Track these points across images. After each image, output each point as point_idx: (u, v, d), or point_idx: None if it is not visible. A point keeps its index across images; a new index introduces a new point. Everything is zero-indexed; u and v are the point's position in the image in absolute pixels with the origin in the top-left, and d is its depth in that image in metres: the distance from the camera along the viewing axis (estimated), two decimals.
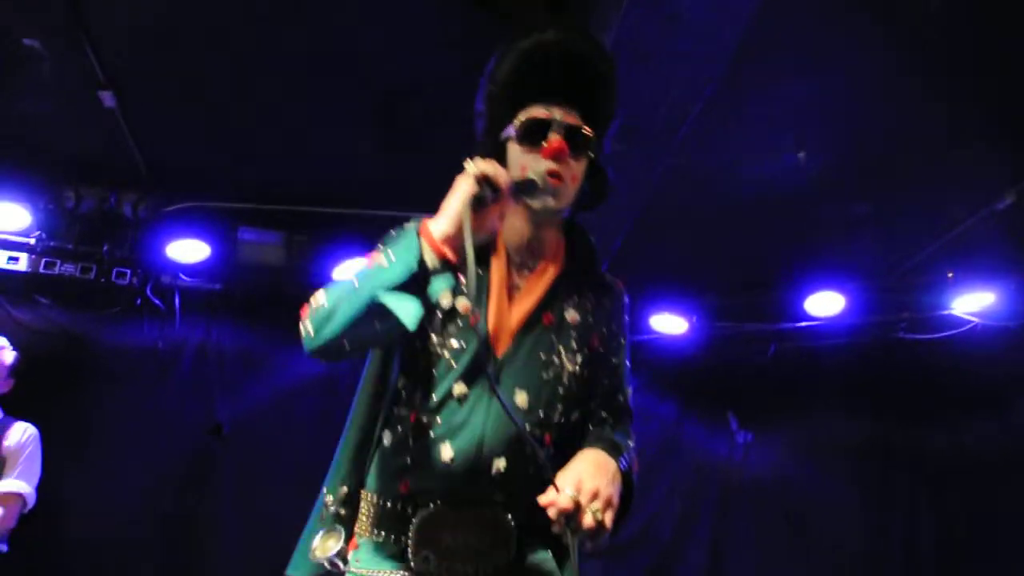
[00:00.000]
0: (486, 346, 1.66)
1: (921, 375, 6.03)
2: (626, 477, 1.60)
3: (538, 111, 1.72)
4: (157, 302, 5.20)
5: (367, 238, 5.22)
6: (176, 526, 4.98)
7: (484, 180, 1.55)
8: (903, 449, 6.18)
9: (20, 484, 3.67)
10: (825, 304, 5.82)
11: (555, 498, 1.46)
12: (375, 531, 1.70)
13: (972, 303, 5.74)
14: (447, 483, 1.64)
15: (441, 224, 1.55)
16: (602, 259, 2.01)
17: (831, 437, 6.14)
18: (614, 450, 1.62)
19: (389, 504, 1.70)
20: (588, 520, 1.45)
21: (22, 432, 3.77)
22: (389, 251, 1.57)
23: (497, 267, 1.77)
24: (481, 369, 1.61)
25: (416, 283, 1.52)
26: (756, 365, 6.19)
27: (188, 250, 5.09)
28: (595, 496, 1.47)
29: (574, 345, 1.75)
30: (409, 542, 1.64)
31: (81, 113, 4.40)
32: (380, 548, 1.69)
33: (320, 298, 1.63)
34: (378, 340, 1.69)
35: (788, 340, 6.13)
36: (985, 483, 6.11)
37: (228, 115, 4.47)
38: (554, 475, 1.52)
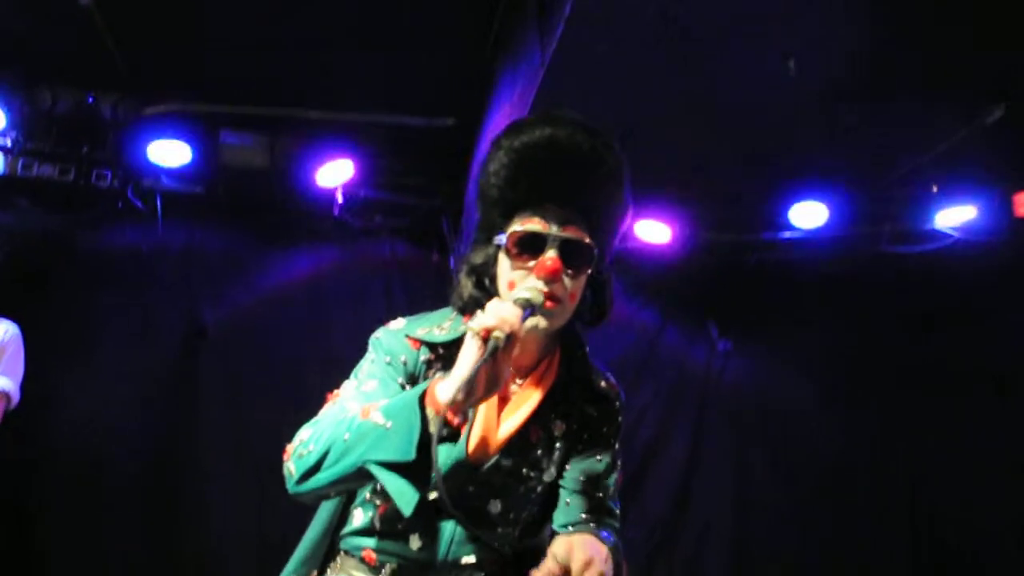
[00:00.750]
0: (465, 464, 1.64)
1: (901, 287, 6.09)
2: (615, 555, 1.55)
3: (532, 221, 1.60)
4: (139, 205, 5.14)
5: (351, 141, 5.20)
6: (161, 428, 5.02)
7: (491, 334, 1.44)
8: (879, 360, 6.27)
9: (4, 381, 3.67)
10: (808, 215, 5.83)
11: (548, 566, 1.45)
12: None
13: (954, 218, 5.77)
14: (415, 565, 1.69)
15: (449, 392, 1.42)
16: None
17: (809, 347, 6.22)
18: (600, 536, 1.57)
19: (359, 560, 1.74)
20: None
21: (3, 331, 3.73)
22: (387, 410, 1.48)
23: None
24: (458, 480, 1.59)
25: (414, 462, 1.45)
26: (738, 275, 6.22)
27: (169, 152, 5.00)
28: (588, 566, 1.43)
29: (556, 457, 1.74)
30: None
31: (56, 11, 4.27)
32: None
33: (305, 439, 1.56)
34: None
35: (770, 250, 6.16)
36: (957, 394, 6.24)
37: (209, 15, 4.35)
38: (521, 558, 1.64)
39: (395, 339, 1.72)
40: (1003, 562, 5.98)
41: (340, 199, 5.31)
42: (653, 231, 5.94)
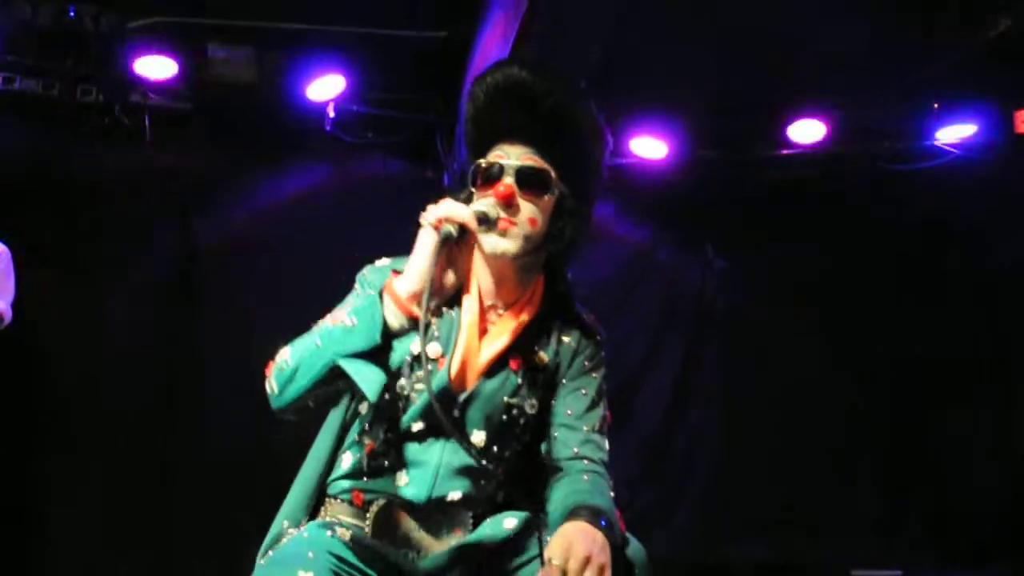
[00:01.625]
0: (448, 390, 1.70)
1: (899, 205, 6.06)
2: (610, 535, 1.55)
3: (495, 154, 1.72)
4: (125, 122, 5.05)
5: (342, 55, 5.09)
6: (157, 348, 5.03)
7: (442, 223, 1.53)
8: (876, 278, 6.28)
9: None
10: (807, 131, 5.76)
11: (546, 570, 1.45)
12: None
13: (954, 135, 5.72)
14: (402, 502, 1.74)
15: (407, 283, 1.55)
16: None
17: (805, 266, 6.21)
18: (595, 516, 1.56)
19: (348, 503, 1.79)
20: None
21: None
22: (352, 310, 1.58)
23: (469, 307, 1.77)
24: (443, 410, 1.60)
25: (379, 349, 1.54)
26: (734, 192, 6.18)
27: (155, 67, 4.88)
28: (587, 563, 1.44)
29: (538, 387, 1.79)
30: (368, 527, 1.73)
31: None
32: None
33: (284, 355, 1.65)
34: (342, 396, 1.75)
35: (768, 168, 6.10)
36: (954, 310, 6.27)
37: None
38: (504, 497, 1.73)
39: (380, 274, 1.77)
40: (976, 472, 6.11)
41: (332, 114, 5.23)
42: (648, 147, 5.88)
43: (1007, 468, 6.09)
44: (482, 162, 1.74)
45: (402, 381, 1.74)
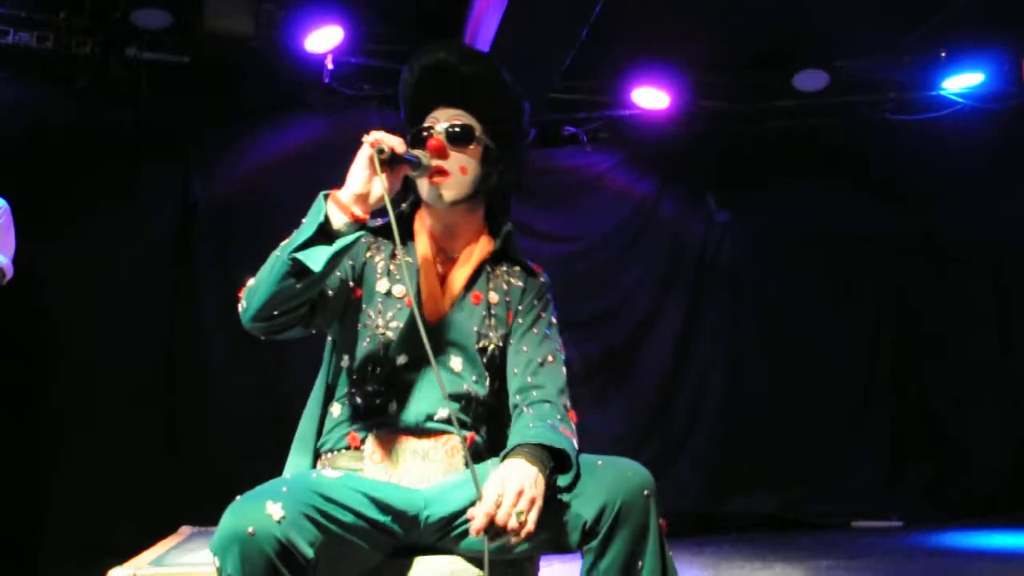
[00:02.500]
0: (422, 319, 1.80)
1: (904, 156, 6.01)
2: (544, 471, 1.66)
3: (428, 120, 1.97)
4: (121, 75, 4.98)
5: (339, 6, 5.01)
6: (157, 304, 5.02)
7: (378, 143, 1.75)
8: (878, 233, 6.26)
9: None
10: (811, 81, 5.70)
11: (479, 508, 1.57)
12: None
13: (961, 84, 5.65)
14: (393, 427, 1.85)
15: (346, 187, 1.75)
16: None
17: (807, 218, 6.19)
18: (534, 452, 1.68)
19: (344, 449, 1.89)
20: (513, 522, 1.56)
21: None
22: (303, 220, 1.75)
23: (423, 254, 1.97)
24: (419, 340, 1.72)
25: (327, 238, 1.71)
26: (737, 143, 6.13)
27: (151, 18, 4.83)
28: (519, 496, 1.57)
29: (495, 323, 1.96)
30: (366, 461, 1.84)
31: None
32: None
33: (253, 277, 1.81)
34: (303, 301, 1.79)
35: (770, 118, 6.05)
36: (955, 263, 6.26)
37: None
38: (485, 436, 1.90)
39: None
40: (981, 426, 6.14)
41: (330, 66, 5.17)
42: (651, 97, 5.82)
43: (1008, 422, 6.13)
44: (416, 126, 1.99)
45: (378, 320, 1.90)
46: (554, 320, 2.03)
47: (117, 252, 4.92)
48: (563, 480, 1.69)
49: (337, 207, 1.73)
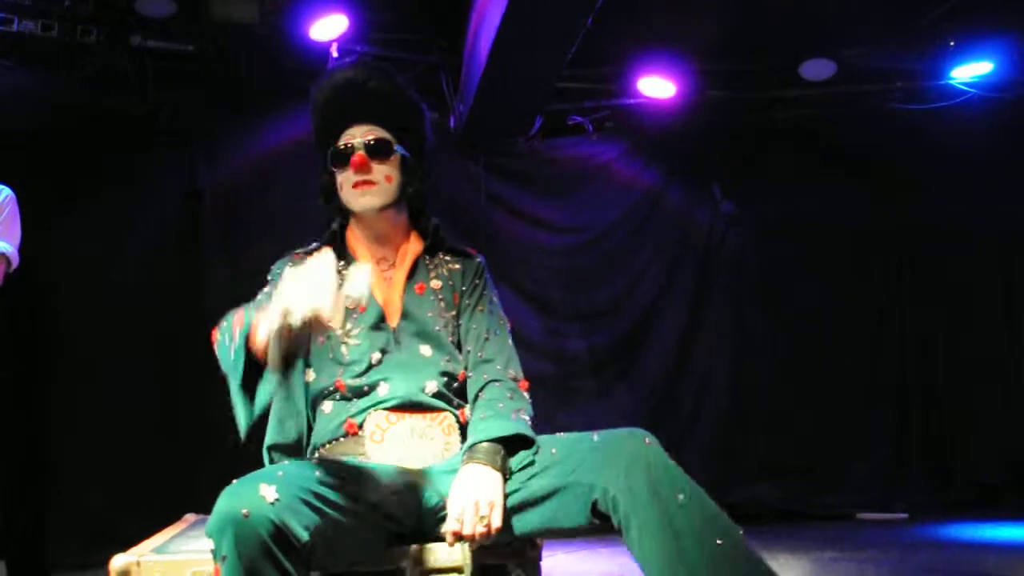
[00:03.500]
0: (384, 319, 1.99)
1: (911, 147, 5.98)
2: (504, 463, 1.78)
3: (344, 138, 2.07)
4: (126, 62, 4.97)
5: None
6: (162, 291, 5.02)
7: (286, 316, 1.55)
8: (886, 223, 6.23)
9: (2, 244, 3.64)
10: (818, 70, 5.67)
11: (447, 526, 1.70)
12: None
13: (970, 73, 5.61)
14: (388, 406, 1.92)
15: (261, 341, 1.62)
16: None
17: (813, 208, 6.17)
18: (489, 450, 1.79)
19: (337, 440, 1.94)
20: (480, 528, 1.69)
21: None
22: (235, 338, 1.71)
23: (365, 261, 2.06)
24: (386, 335, 1.91)
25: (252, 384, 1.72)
26: (743, 133, 6.10)
27: (155, 7, 4.81)
28: (478, 505, 1.69)
29: (445, 305, 2.09)
30: (366, 442, 1.89)
31: None
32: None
33: (216, 337, 1.85)
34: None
35: (777, 108, 6.02)
36: (960, 254, 6.24)
37: None
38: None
39: (282, 268, 2.11)
40: (986, 418, 6.12)
41: (335, 55, 5.16)
42: (657, 86, 5.79)
43: (1013, 414, 6.11)
44: (339, 145, 2.07)
45: (339, 333, 1.99)
46: (495, 297, 2.16)
47: (121, 240, 4.93)
48: (525, 456, 1.79)
49: (258, 356, 1.67)
